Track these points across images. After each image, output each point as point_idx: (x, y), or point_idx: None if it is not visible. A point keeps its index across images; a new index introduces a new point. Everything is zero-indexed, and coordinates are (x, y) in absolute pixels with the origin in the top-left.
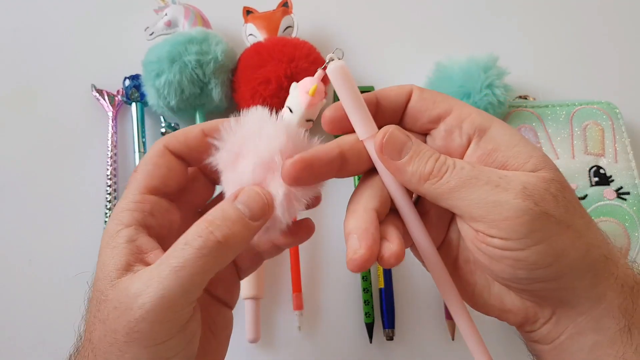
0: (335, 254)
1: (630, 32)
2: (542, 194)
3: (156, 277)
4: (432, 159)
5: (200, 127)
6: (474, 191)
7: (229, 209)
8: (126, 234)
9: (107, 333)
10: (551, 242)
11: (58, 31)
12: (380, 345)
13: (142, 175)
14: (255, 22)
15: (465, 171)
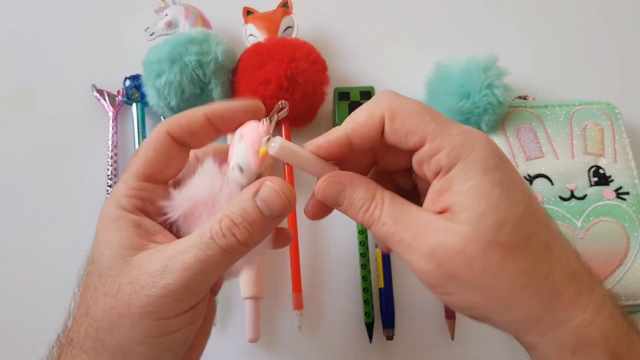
0: (335, 254)
1: (630, 32)
2: (452, 256)
3: (181, 262)
4: (362, 211)
5: (203, 111)
6: (392, 245)
7: (251, 208)
8: (131, 218)
9: (116, 306)
10: (460, 297)
11: (58, 31)
12: (380, 344)
13: (141, 160)
14: (256, 23)
15: (385, 227)
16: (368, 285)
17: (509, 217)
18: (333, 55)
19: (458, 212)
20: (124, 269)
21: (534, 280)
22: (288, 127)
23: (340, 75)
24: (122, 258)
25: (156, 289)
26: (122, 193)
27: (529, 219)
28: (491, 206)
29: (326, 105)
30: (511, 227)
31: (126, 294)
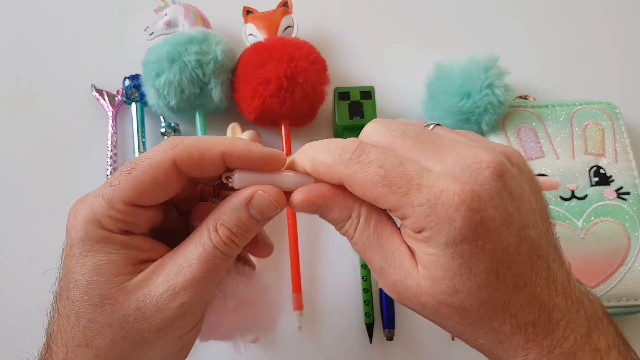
0: (335, 254)
1: (631, 31)
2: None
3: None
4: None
5: (221, 148)
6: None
7: (245, 218)
8: (119, 240)
9: (127, 335)
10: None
11: (58, 31)
12: (380, 345)
13: (135, 184)
14: (255, 22)
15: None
16: (368, 285)
17: (463, 288)
18: (333, 54)
19: (420, 265)
20: (123, 296)
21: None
22: (288, 128)
23: (340, 74)
24: (118, 285)
25: (171, 311)
26: (105, 213)
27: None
28: (446, 276)
29: (326, 105)
30: (463, 296)
31: (136, 321)
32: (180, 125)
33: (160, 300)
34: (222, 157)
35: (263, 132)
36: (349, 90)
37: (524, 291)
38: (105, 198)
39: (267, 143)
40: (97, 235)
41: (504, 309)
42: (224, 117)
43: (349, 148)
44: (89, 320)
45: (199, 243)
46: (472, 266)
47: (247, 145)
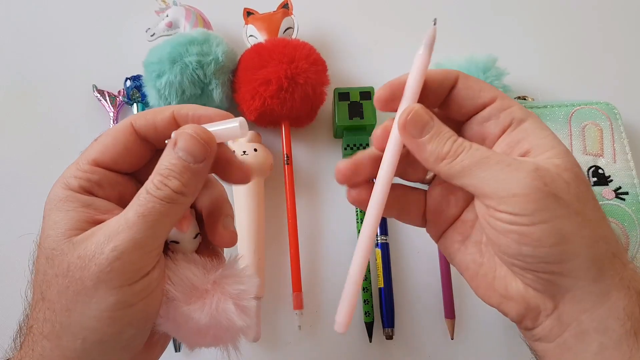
0: (335, 253)
1: (629, 32)
2: (554, 177)
3: (124, 223)
4: (450, 141)
5: (172, 110)
6: (485, 169)
7: (174, 160)
8: (79, 198)
9: (70, 284)
10: (557, 223)
11: (59, 32)
12: (380, 344)
13: (98, 147)
14: (256, 24)
15: (479, 152)
16: (368, 285)
17: (577, 162)
18: (333, 55)
19: (542, 152)
20: (69, 247)
21: (605, 218)
22: (288, 128)
23: (340, 75)
24: (67, 237)
25: (104, 255)
26: (72, 174)
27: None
28: (568, 151)
29: (326, 105)
30: (582, 170)
31: (77, 269)
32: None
33: (97, 246)
34: (173, 116)
35: (263, 133)
36: (348, 91)
37: (599, 210)
38: (74, 163)
39: (268, 143)
40: (62, 195)
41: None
42: None
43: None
44: (43, 273)
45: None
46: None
47: (195, 105)
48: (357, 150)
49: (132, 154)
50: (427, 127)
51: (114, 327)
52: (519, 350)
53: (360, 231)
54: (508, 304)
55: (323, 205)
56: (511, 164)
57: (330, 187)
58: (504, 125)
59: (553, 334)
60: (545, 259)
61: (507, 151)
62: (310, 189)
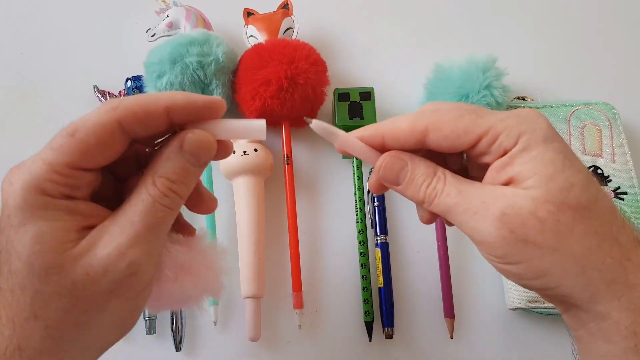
0: (335, 253)
1: (628, 32)
2: (524, 219)
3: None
4: (423, 186)
5: (165, 103)
6: (455, 216)
7: (181, 164)
8: (62, 205)
9: (78, 302)
10: (531, 263)
11: (60, 32)
12: (379, 343)
13: (79, 146)
14: (256, 24)
15: (449, 198)
16: (368, 284)
17: (575, 180)
18: (333, 56)
19: (524, 179)
20: (69, 263)
21: (606, 240)
22: (288, 128)
23: (340, 76)
24: (62, 253)
25: (120, 272)
26: (46, 177)
27: (592, 185)
28: (557, 170)
29: (326, 105)
30: (579, 190)
31: (85, 286)
32: None
33: (108, 262)
34: (167, 111)
35: None
36: (348, 91)
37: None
38: (46, 162)
39: (268, 144)
40: (38, 202)
41: (614, 214)
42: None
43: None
44: (35, 291)
45: (139, 200)
46: (572, 161)
47: (187, 95)
48: None
49: (115, 151)
50: (401, 175)
51: (123, 330)
52: (518, 350)
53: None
54: None
55: (323, 205)
56: (477, 211)
57: (330, 187)
58: (497, 156)
59: (570, 326)
60: (531, 287)
61: (494, 176)
62: (310, 189)
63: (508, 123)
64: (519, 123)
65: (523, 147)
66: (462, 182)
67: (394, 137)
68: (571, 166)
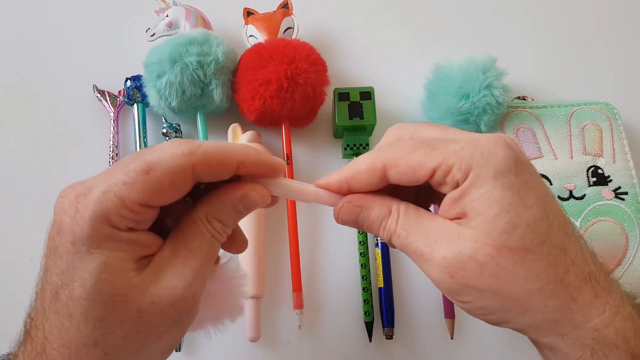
0: (335, 253)
1: (629, 32)
2: (463, 263)
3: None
4: (381, 228)
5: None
6: (409, 255)
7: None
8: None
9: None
10: (475, 304)
11: (60, 32)
12: (379, 344)
13: (152, 186)
14: (256, 24)
15: (400, 239)
16: (368, 284)
17: (520, 221)
18: (333, 55)
19: (471, 218)
20: (134, 292)
21: (549, 283)
22: (288, 128)
23: (340, 75)
24: (127, 281)
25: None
26: (117, 212)
27: (542, 222)
28: (502, 210)
29: (326, 105)
30: (522, 231)
31: (151, 315)
32: (182, 125)
33: (175, 293)
34: (237, 165)
35: (263, 133)
36: (348, 91)
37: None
38: (118, 196)
39: (268, 143)
40: (106, 233)
41: (564, 252)
42: (225, 118)
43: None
44: (99, 318)
45: (197, 234)
46: (523, 197)
47: (258, 154)
48: (357, 150)
49: (183, 192)
50: (359, 219)
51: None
52: (518, 350)
53: None
54: None
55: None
56: (423, 254)
57: None
58: (452, 187)
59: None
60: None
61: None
62: None
63: (461, 155)
64: (472, 154)
65: (471, 183)
66: (415, 219)
67: (357, 181)
68: (520, 204)
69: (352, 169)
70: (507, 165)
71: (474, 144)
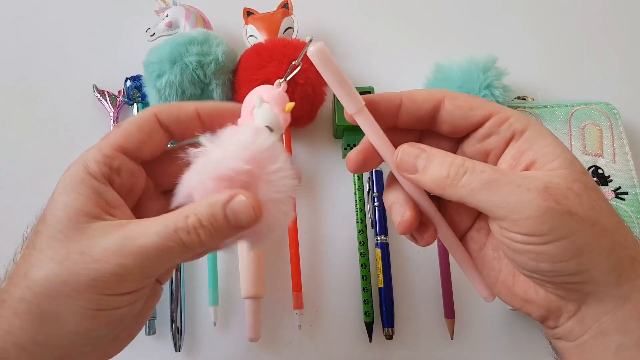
0: (335, 253)
1: (629, 32)
2: (564, 192)
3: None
4: (445, 164)
5: (195, 105)
6: (495, 192)
7: (220, 215)
8: (95, 185)
9: (61, 273)
10: (574, 239)
11: (59, 32)
12: (379, 344)
13: (122, 133)
14: (256, 24)
15: (485, 174)
16: (368, 284)
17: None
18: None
19: (548, 162)
20: (76, 235)
21: (621, 221)
22: (288, 128)
23: None
24: (76, 224)
25: (109, 266)
26: (93, 158)
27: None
28: (574, 156)
29: (326, 105)
30: (589, 175)
31: (75, 263)
32: None
33: (103, 254)
34: (197, 111)
35: None
36: None
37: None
38: (96, 147)
39: None
40: (77, 177)
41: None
42: None
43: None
44: (39, 250)
45: (164, 221)
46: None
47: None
48: None
49: (154, 142)
50: (419, 160)
51: (91, 323)
52: (518, 350)
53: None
54: (530, 307)
55: (323, 205)
56: (521, 184)
57: (330, 187)
58: (505, 139)
59: (574, 334)
60: (563, 272)
61: (512, 164)
62: (310, 189)
63: (515, 112)
64: (522, 115)
65: (537, 133)
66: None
67: (411, 98)
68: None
69: (410, 91)
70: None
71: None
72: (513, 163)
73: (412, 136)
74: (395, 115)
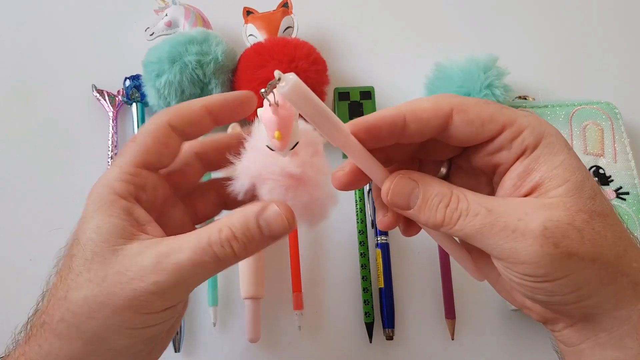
0: (335, 253)
1: (630, 32)
2: (564, 231)
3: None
4: (441, 207)
5: (202, 103)
6: (490, 237)
7: (253, 226)
8: (124, 205)
9: (100, 294)
10: (572, 277)
11: (59, 32)
12: (380, 344)
13: (139, 148)
14: (256, 23)
15: (479, 218)
16: (368, 285)
17: (596, 189)
18: (333, 55)
19: (554, 187)
20: (112, 257)
21: (629, 245)
22: None
23: (340, 75)
24: (112, 246)
25: (145, 285)
26: (116, 177)
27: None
28: (585, 177)
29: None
30: (601, 197)
31: (112, 284)
32: None
33: (140, 273)
34: (205, 108)
35: None
36: (349, 91)
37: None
38: (116, 165)
39: None
40: (105, 198)
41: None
42: None
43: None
44: (76, 273)
45: (198, 235)
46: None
47: (221, 95)
48: None
49: (170, 150)
50: (412, 198)
51: (129, 342)
52: (519, 351)
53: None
54: (528, 312)
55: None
56: (516, 228)
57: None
58: (516, 154)
59: (571, 341)
60: (561, 302)
61: (517, 184)
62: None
63: (530, 120)
64: (540, 122)
65: (549, 150)
66: (484, 198)
67: (416, 118)
68: (589, 174)
69: (413, 105)
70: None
71: (534, 114)
72: (518, 183)
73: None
74: (398, 137)
